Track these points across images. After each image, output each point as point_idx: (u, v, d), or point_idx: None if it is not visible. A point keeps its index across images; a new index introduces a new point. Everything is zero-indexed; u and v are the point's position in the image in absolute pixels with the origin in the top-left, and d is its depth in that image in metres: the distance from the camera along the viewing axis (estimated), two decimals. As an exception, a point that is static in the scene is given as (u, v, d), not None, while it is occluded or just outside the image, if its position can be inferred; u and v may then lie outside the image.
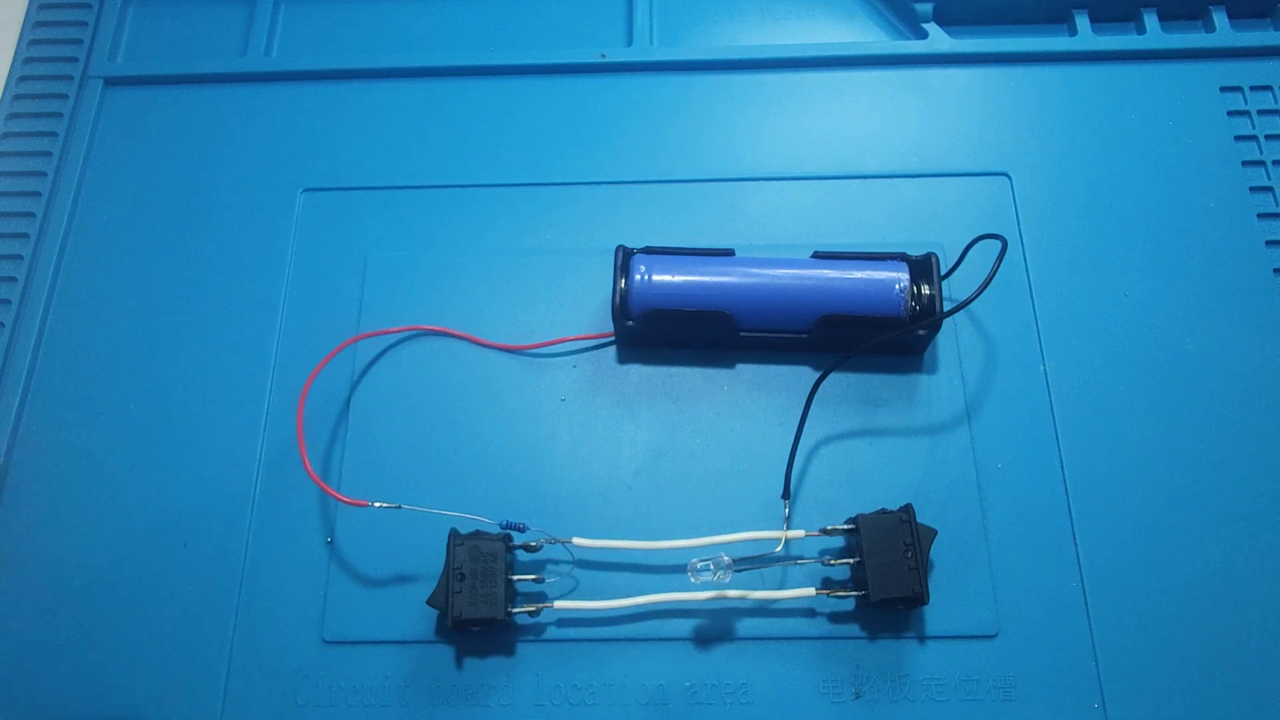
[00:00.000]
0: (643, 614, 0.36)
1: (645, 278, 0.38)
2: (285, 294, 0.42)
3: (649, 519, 0.38)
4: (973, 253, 0.39)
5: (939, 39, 0.47)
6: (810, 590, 0.35)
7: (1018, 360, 0.40)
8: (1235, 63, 0.46)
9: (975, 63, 0.47)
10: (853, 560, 0.35)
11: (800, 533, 0.36)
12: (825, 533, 0.36)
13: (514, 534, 0.35)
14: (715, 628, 0.36)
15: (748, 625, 0.36)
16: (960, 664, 0.35)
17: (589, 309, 0.42)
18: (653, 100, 0.47)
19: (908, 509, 0.35)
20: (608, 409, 0.40)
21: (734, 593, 0.35)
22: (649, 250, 0.40)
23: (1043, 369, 0.40)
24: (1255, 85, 0.46)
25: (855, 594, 0.35)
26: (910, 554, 0.34)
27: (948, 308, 0.38)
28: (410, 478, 0.39)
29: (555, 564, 0.37)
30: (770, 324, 0.39)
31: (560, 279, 0.42)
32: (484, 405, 0.40)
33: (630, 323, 0.39)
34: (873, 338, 0.38)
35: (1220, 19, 0.47)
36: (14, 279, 0.43)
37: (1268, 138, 0.44)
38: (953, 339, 0.41)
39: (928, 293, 0.38)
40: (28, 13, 0.50)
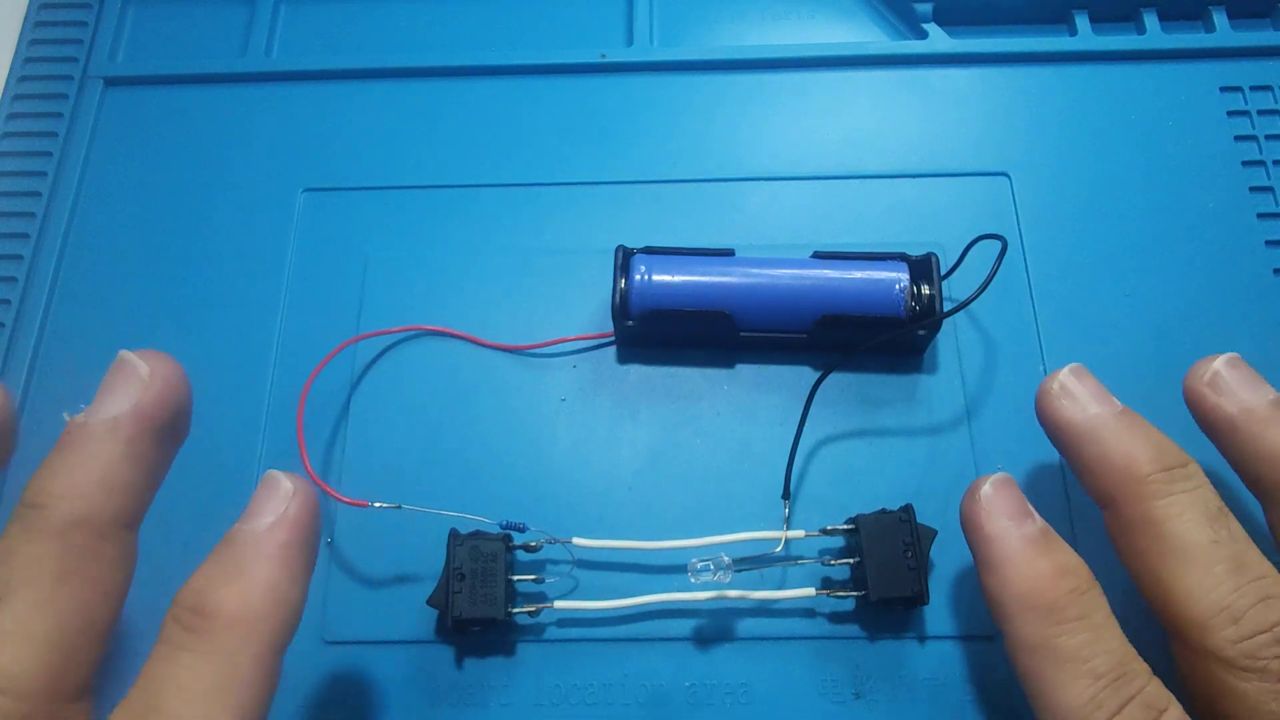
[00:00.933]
0: (643, 614, 0.36)
1: (645, 278, 0.38)
2: (285, 294, 0.42)
3: (649, 519, 0.38)
4: (973, 253, 0.39)
5: (939, 39, 0.47)
6: (810, 590, 0.35)
7: (1018, 360, 0.40)
8: (1235, 63, 0.46)
9: (975, 63, 0.47)
10: (852, 560, 0.35)
11: (800, 533, 0.36)
12: (825, 533, 0.36)
13: (514, 534, 0.35)
14: (715, 628, 0.36)
15: (748, 625, 0.36)
16: (960, 664, 0.35)
17: (589, 309, 0.42)
18: (653, 100, 0.47)
19: (908, 509, 0.35)
20: (608, 409, 0.40)
21: (734, 593, 0.35)
22: (649, 250, 0.40)
23: (1043, 369, 0.40)
24: (1255, 85, 0.46)
25: (855, 594, 0.35)
26: (910, 554, 0.34)
27: (948, 308, 0.38)
28: (410, 478, 0.39)
29: (555, 564, 0.37)
30: (770, 324, 0.39)
31: (560, 279, 0.42)
32: (484, 405, 0.40)
33: (630, 323, 0.39)
34: (873, 338, 0.38)
35: (1220, 19, 0.47)
36: (14, 279, 0.43)
37: (1268, 138, 0.44)
38: (953, 339, 0.41)
39: (928, 293, 0.38)
40: (28, 13, 0.50)
